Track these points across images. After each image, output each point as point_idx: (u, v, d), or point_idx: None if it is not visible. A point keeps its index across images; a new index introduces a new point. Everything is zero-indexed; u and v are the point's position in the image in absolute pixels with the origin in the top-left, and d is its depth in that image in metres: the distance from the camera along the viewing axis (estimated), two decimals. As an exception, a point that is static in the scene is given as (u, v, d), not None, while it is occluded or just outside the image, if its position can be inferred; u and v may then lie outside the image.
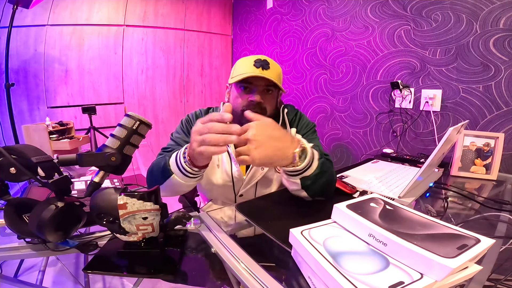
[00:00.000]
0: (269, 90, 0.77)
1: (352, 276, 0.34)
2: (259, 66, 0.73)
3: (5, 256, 0.53)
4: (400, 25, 1.54)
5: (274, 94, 0.80)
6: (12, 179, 0.43)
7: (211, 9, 2.95)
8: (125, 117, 0.53)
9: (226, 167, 0.82)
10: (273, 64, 0.76)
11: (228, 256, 0.50)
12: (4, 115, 2.05)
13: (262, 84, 0.75)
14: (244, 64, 0.76)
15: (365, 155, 1.80)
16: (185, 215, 0.57)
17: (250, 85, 0.76)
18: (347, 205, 0.49)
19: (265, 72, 0.73)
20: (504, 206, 0.73)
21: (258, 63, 0.74)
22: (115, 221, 0.48)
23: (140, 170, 1.69)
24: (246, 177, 0.82)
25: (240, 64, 0.78)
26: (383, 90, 1.68)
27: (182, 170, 0.61)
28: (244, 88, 0.77)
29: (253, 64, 0.74)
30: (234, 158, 0.81)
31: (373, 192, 0.75)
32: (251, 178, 0.82)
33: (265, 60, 0.75)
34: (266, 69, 0.74)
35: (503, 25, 1.16)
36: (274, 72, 0.75)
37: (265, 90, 0.76)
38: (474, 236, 0.39)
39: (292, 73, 2.30)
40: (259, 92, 0.75)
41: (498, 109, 1.23)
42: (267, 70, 0.74)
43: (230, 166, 0.82)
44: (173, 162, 0.63)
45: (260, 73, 0.72)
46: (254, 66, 0.74)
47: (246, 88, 0.77)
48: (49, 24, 2.24)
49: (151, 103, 2.78)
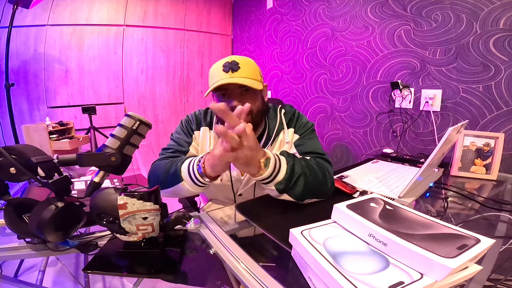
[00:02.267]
0: (245, 90, 0.75)
1: (352, 276, 0.34)
2: (228, 70, 0.72)
3: (5, 256, 0.53)
4: (400, 25, 1.54)
5: (254, 91, 0.76)
6: (12, 179, 0.43)
7: (211, 9, 2.95)
8: (125, 117, 0.53)
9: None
10: (243, 62, 0.74)
11: (228, 256, 0.50)
12: (4, 115, 2.05)
13: (236, 87, 0.73)
14: (215, 71, 0.75)
15: (365, 155, 1.80)
16: (185, 215, 0.57)
17: (226, 91, 0.74)
18: (347, 205, 0.49)
19: (235, 74, 0.72)
20: (504, 206, 0.73)
21: (227, 67, 0.72)
22: (115, 221, 0.48)
23: (140, 170, 1.69)
24: (244, 178, 0.82)
25: (211, 72, 0.77)
26: (383, 90, 1.68)
27: (194, 179, 0.61)
28: (222, 96, 0.76)
29: (222, 69, 0.73)
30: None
31: (373, 192, 0.75)
32: (250, 179, 0.82)
33: (233, 61, 0.73)
34: (236, 70, 0.72)
35: (503, 25, 1.16)
36: (246, 70, 0.73)
37: (242, 91, 0.75)
38: (474, 236, 0.39)
39: (292, 73, 2.30)
40: (236, 96, 0.74)
41: (498, 109, 1.23)
42: (237, 71, 0.72)
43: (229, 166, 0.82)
44: (185, 169, 0.63)
45: (230, 77, 0.71)
46: (223, 71, 0.72)
47: (224, 95, 0.75)
48: (49, 24, 2.24)
49: (151, 103, 2.78)
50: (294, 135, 0.84)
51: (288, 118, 0.86)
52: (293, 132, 0.85)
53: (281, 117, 0.86)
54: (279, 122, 0.85)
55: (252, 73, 0.74)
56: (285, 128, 0.85)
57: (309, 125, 0.86)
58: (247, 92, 0.75)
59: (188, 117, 0.87)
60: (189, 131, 0.85)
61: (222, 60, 0.75)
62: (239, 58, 0.75)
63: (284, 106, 0.90)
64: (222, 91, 0.75)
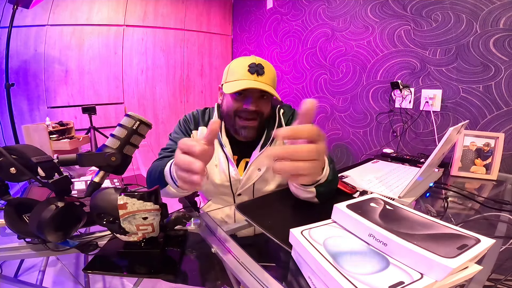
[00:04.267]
0: (264, 95, 0.75)
1: (352, 276, 0.34)
2: (254, 72, 0.71)
3: (5, 256, 0.53)
4: (400, 25, 1.54)
5: (269, 98, 0.78)
6: (12, 179, 0.43)
7: (211, 9, 2.95)
8: (125, 117, 0.52)
9: (224, 167, 0.82)
10: (267, 67, 0.74)
11: (228, 256, 0.50)
12: (4, 115, 2.05)
13: (257, 91, 0.73)
14: (239, 69, 0.74)
15: (365, 155, 1.80)
16: (185, 215, 0.57)
17: (245, 92, 0.74)
18: (347, 205, 0.49)
19: (260, 78, 0.72)
20: (504, 206, 0.73)
21: (253, 69, 0.72)
22: (115, 221, 0.48)
23: (140, 170, 1.68)
24: (243, 178, 0.82)
25: (234, 68, 0.76)
26: (383, 90, 1.68)
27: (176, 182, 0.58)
28: (239, 94, 0.75)
29: (248, 70, 0.72)
30: (231, 159, 0.81)
31: (373, 192, 0.75)
32: (248, 179, 0.82)
33: (259, 64, 0.73)
34: (261, 74, 0.72)
35: (503, 25, 1.16)
36: (269, 76, 0.74)
37: (261, 96, 0.75)
38: (474, 236, 0.39)
39: (292, 73, 2.30)
40: (255, 100, 0.74)
41: (498, 109, 1.23)
42: (262, 75, 0.72)
43: (228, 166, 0.82)
44: (168, 173, 0.60)
45: (255, 81, 0.71)
46: (249, 71, 0.72)
47: (240, 94, 0.75)
48: (49, 24, 2.24)
49: (151, 103, 2.78)
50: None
51: (287, 118, 0.86)
52: None
53: (280, 117, 0.86)
54: (278, 122, 0.85)
55: (273, 80, 0.75)
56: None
57: None
58: (265, 97, 0.76)
59: (186, 117, 0.88)
60: (187, 131, 0.85)
61: (246, 58, 0.74)
62: (263, 62, 0.75)
63: (283, 106, 0.90)
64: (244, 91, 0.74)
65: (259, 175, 0.82)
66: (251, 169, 0.81)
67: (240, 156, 0.85)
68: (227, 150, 0.81)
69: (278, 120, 0.85)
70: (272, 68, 0.77)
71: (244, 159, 0.84)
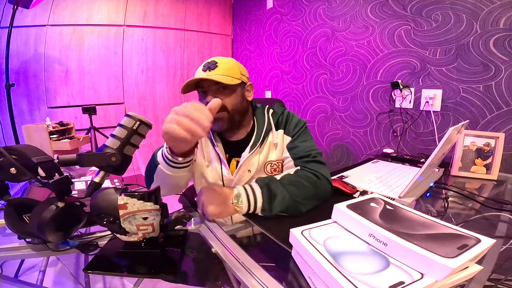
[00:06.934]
0: (223, 87, 0.76)
1: (353, 276, 0.34)
2: (206, 69, 0.75)
3: (5, 256, 0.53)
4: (400, 25, 1.54)
5: (233, 89, 0.77)
6: (12, 179, 0.43)
7: (211, 9, 2.95)
8: (125, 117, 0.52)
9: (216, 167, 0.82)
10: (223, 61, 0.76)
11: (228, 256, 0.50)
12: (4, 115, 2.05)
13: (212, 84, 0.75)
14: (197, 71, 0.78)
15: (365, 155, 1.80)
16: (185, 215, 0.57)
17: (204, 88, 0.77)
18: (347, 205, 0.49)
19: (211, 72, 0.74)
20: (505, 206, 0.73)
21: (205, 66, 0.75)
22: (116, 221, 0.48)
23: (140, 170, 1.68)
24: (234, 178, 0.82)
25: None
26: (383, 90, 1.68)
27: (166, 159, 0.64)
28: (202, 93, 0.78)
29: (202, 69, 0.76)
30: (223, 158, 0.81)
31: (373, 192, 0.75)
32: (239, 180, 0.82)
33: (212, 61, 0.76)
34: (213, 68, 0.74)
35: (503, 25, 1.16)
36: (222, 68, 0.75)
37: (219, 88, 0.76)
38: (475, 236, 0.39)
39: (292, 73, 2.30)
40: (212, 93, 0.76)
41: (498, 109, 1.23)
42: (214, 69, 0.74)
43: (220, 166, 0.82)
44: (160, 153, 0.66)
45: (206, 75, 0.73)
46: (202, 70, 0.75)
47: (203, 93, 0.78)
48: (49, 24, 2.24)
49: (151, 103, 2.78)
50: (285, 137, 0.84)
51: (276, 118, 0.85)
52: (283, 134, 0.84)
53: (268, 117, 0.85)
54: (267, 123, 0.84)
55: (229, 71, 0.75)
56: (273, 129, 0.84)
57: (301, 124, 0.85)
58: (224, 89, 0.76)
59: None
60: None
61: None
62: (220, 59, 0.77)
63: (273, 106, 0.89)
64: (201, 89, 0.77)
65: (250, 176, 0.81)
66: (242, 170, 0.81)
67: (230, 155, 0.85)
68: (218, 148, 0.81)
69: (268, 121, 0.84)
70: (230, 61, 0.78)
71: (235, 158, 0.84)
